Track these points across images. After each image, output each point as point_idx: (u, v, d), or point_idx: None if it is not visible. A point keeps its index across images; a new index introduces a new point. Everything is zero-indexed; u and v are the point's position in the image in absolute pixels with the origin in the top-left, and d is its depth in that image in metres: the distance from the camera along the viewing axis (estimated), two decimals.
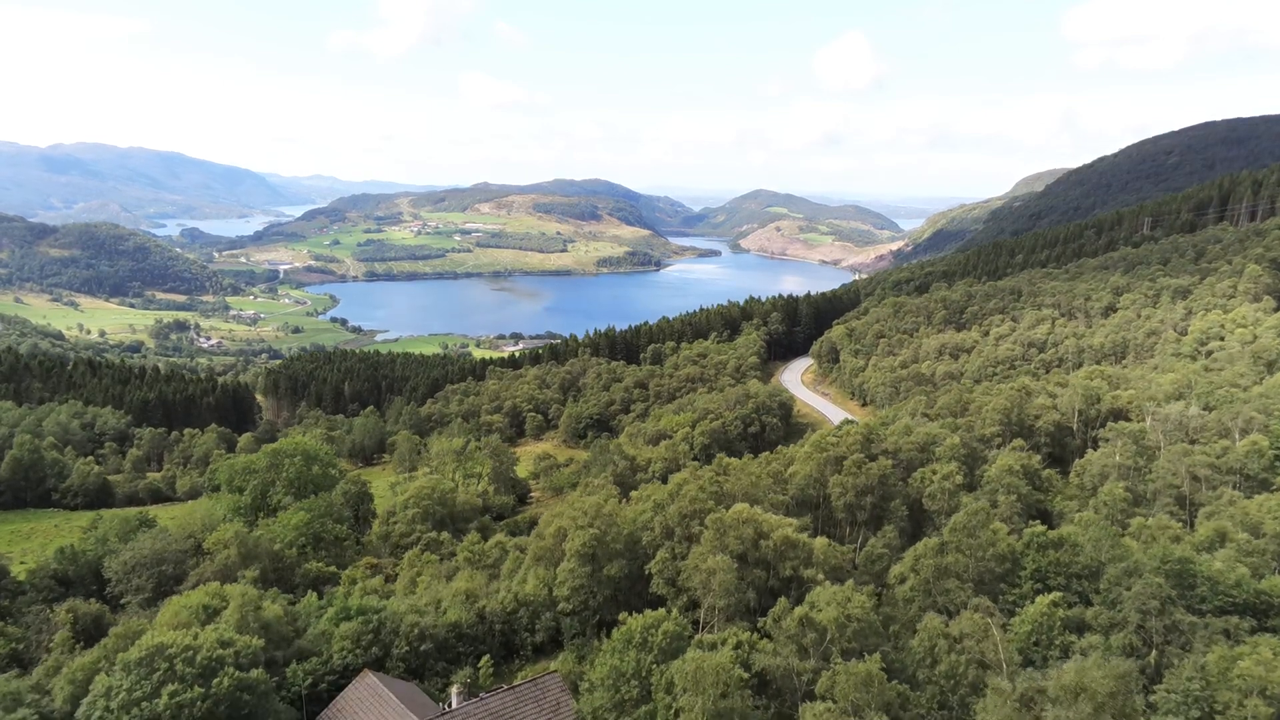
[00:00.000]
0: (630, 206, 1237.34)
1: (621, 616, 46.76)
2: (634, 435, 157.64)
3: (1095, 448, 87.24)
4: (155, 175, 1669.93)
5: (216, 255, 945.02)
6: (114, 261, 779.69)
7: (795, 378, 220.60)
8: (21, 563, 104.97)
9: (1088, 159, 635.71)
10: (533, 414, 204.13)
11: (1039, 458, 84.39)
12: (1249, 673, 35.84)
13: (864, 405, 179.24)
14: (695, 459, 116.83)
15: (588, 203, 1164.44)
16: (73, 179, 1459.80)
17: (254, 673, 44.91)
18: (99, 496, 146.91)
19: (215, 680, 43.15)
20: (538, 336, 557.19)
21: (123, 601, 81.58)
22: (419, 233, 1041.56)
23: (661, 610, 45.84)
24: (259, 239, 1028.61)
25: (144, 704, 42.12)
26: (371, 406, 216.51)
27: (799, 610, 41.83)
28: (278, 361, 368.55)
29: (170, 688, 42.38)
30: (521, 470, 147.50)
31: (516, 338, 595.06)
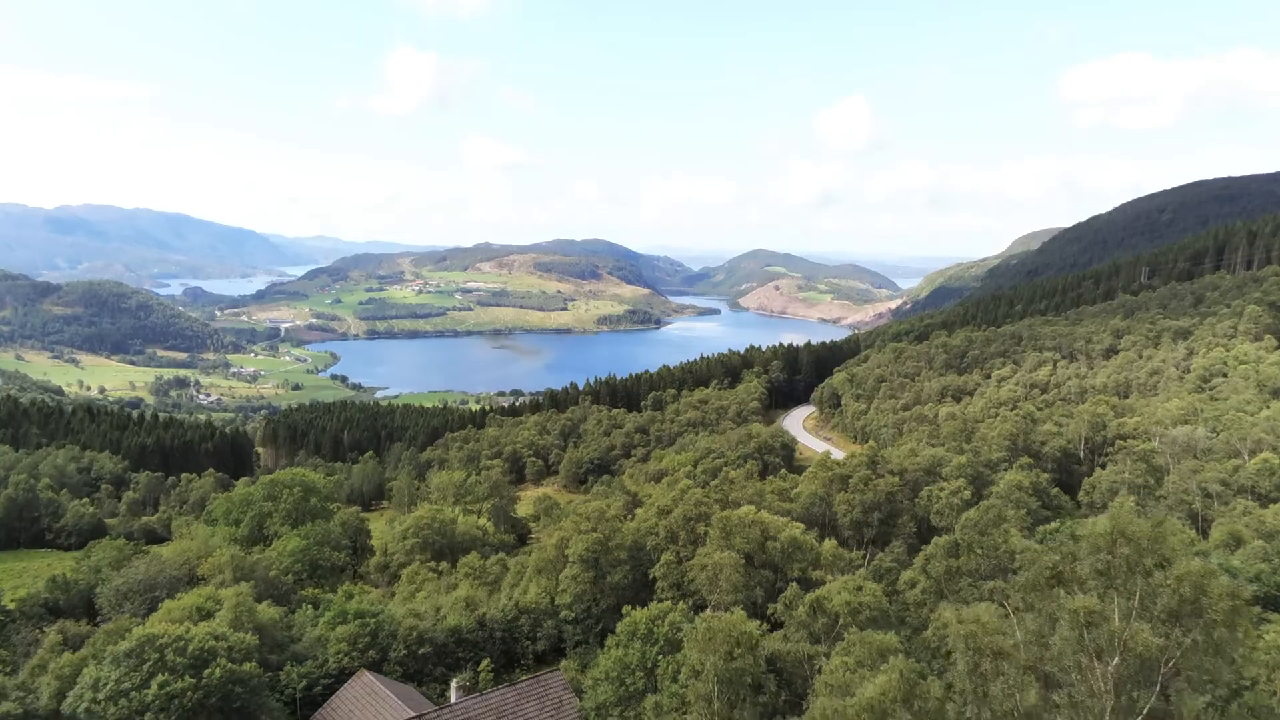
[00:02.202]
0: (630, 266, 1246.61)
1: (625, 609, 45.49)
2: (635, 475, 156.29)
3: (1104, 470, 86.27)
4: (160, 236, 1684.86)
5: (218, 313, 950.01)
6: (116, 319, 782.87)
7: (797, 423, 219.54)
8: (13, 600, 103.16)
9: (1083, 218, 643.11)
10: (533, 459, 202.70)
11: (1047, 476, 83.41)
12: (1276, 644, 34.70)
13: (866, 447, 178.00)
14: None
15: (588, 262, 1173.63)
16: (78, 239, 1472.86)
17: (247, 666, 43.60)
18: (93, 537, 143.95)
19: (207, 671, 41.80)
20: (538, 393, 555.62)
21: None
22: (420, 291, 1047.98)
23: (667, 603, 44.66)
24: (261, 298, 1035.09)
25: (133, 694, 40.76)
26: (371, 452, 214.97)
27: (810, 596, 40.74)
28: (276, 417, 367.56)
29: (160, 678, 41.05)
30: (521, 512, 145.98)
31: (516, 394, 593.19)
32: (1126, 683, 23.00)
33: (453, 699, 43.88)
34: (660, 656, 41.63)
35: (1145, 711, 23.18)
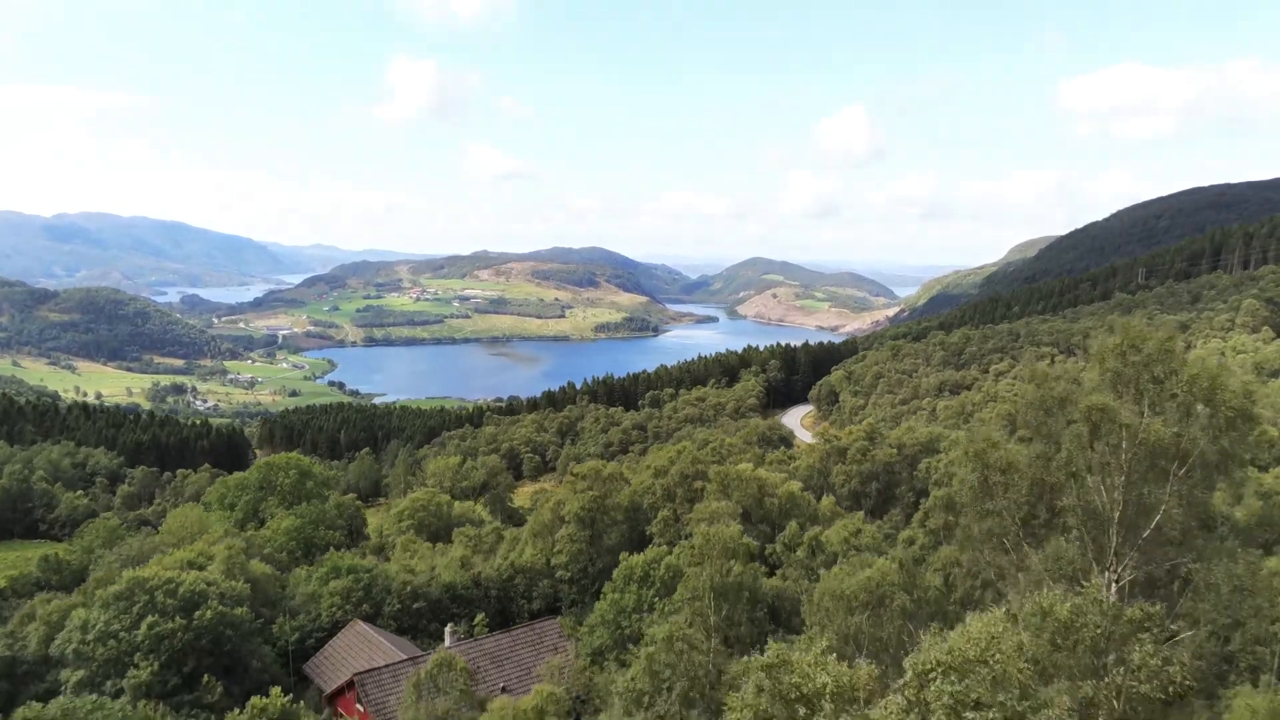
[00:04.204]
0: (628, 274, 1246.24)
1: (622, 556, 45.05)
2: (633, 468, 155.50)
3: None
4: (158, 244, 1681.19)
5: (216, 321, 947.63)
6: (113, 326, 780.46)
7: (795, 421, 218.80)
8: (4, 579, 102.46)
9: (1080, 226, 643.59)
10: (530, 455, 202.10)
11: None
12: (1277, 572, 34.23)
13: (864, 425, 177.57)
14: None
15: (586, 270, 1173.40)
16: (76, 247, 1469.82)
17: (238, 611, 43.07)
18: None
19: (197, 613, 41.28)
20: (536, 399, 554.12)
21: None
22: (418, 299, 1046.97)
23: (664, 547, 44.22)
24: (259, 305, 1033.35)
25: (122, 635, 40.22)
26: (367, 449, 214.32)
27: (809, 534, 40.33)
28: (273, 418, 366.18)
29: (150, 619, 40.51)
30: (517, 505, 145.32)
31: (514, 401, 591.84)
32: (1138, 480, 22.69)
33: (447, 643, 43.43)
34: (657, 599, 41.17)
35: (1158, 518, 22.86)
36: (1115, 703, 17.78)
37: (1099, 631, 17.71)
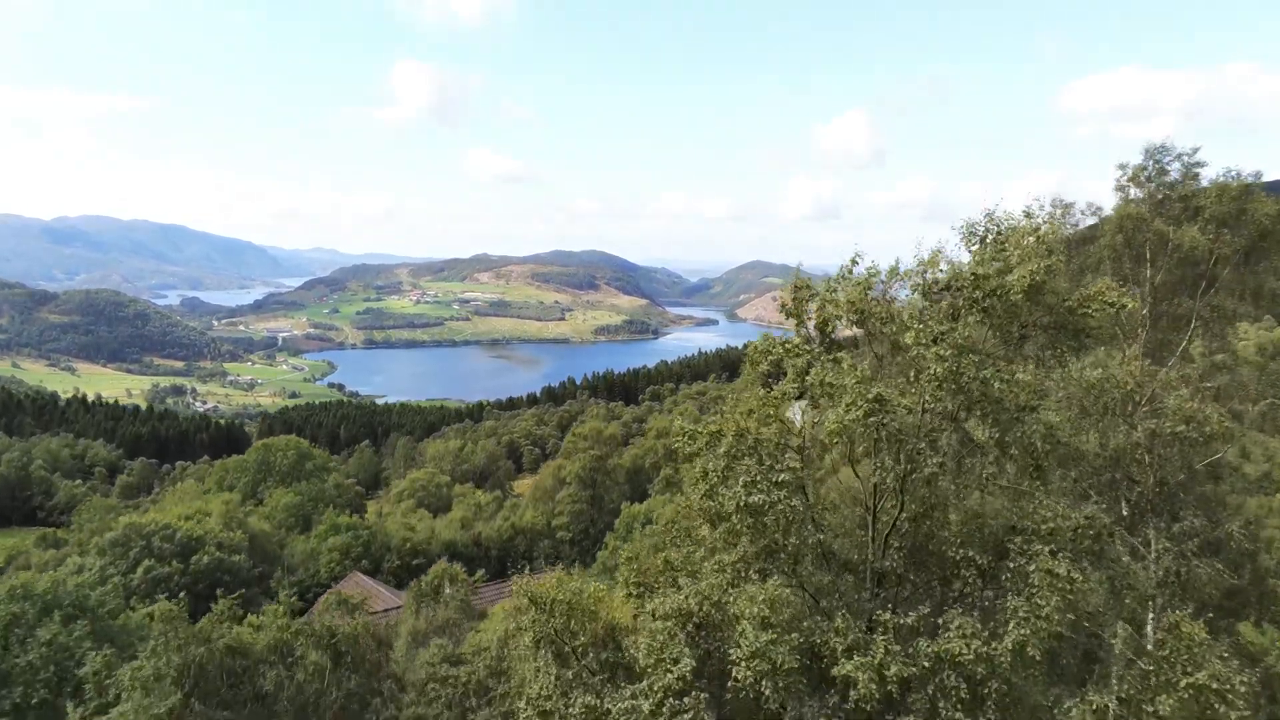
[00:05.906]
0: (628, 277, 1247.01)
1: (624, 506, 44.67)
2: None
3: None
4: (158, 247, 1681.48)
5: (216, 323, 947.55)
6: (113, 328, 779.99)
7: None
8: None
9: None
10: (530, 448, 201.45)
11: None
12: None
13: None
14: None
15: (586, 273, 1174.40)
16: (76, 250, 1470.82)
17: (236, 558, 42.70)
18: None
19: (194, 557, 40.93)
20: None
21: None
22: (418, 302, 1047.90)
23: (665, 496, 43.83)
24: (259, 308, 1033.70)
25: (117, 579, 39.80)
26: (367, 442, 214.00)
27: None
28: (273, 416, 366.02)
29: (146, 563, 40.17)
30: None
31: (514, 399, 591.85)
32: (1166, 296, 22.42)
33: (446, 591, 43.00)
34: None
35: (1191, 332, 22.54)
36: (1147, 454, 17.49)
37: (1130, 388, 17.42)
